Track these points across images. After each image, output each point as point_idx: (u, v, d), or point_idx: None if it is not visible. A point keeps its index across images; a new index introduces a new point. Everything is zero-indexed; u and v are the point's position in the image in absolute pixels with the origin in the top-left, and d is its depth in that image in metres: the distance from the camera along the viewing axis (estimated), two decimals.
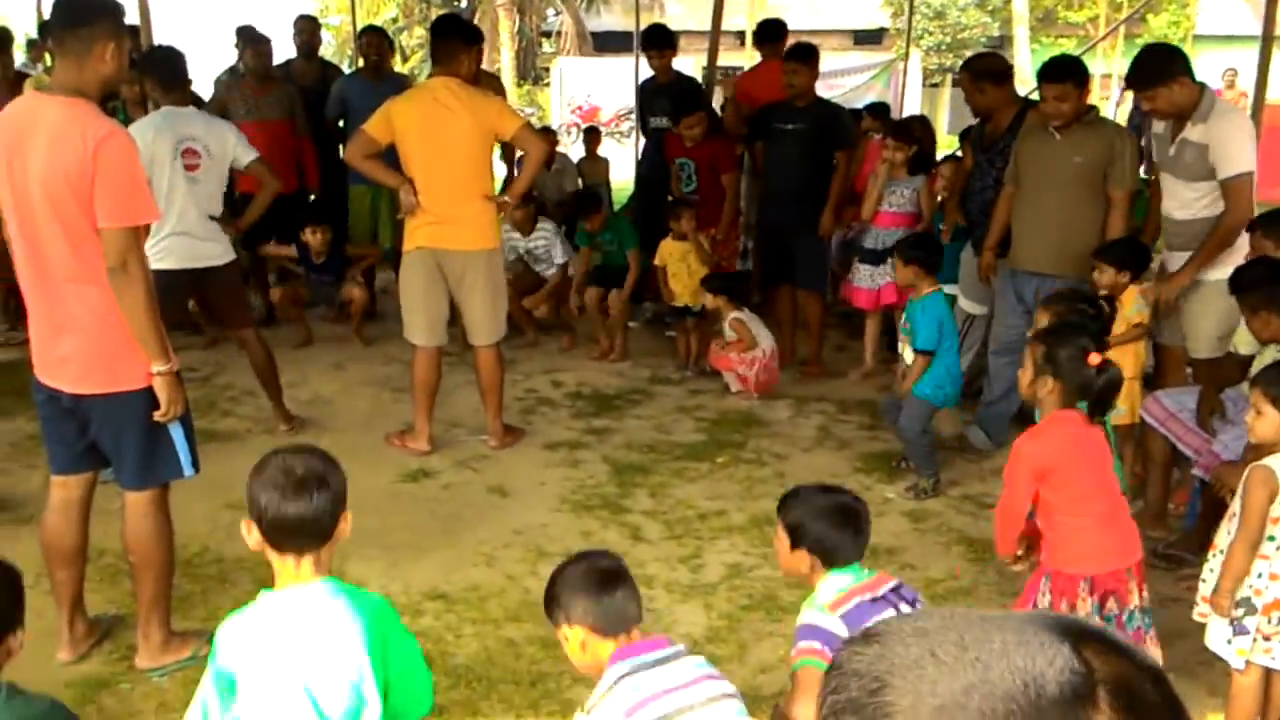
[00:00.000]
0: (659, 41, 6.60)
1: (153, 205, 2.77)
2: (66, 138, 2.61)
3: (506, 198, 4.83)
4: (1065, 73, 4.25)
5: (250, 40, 6.33)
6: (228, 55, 6.85)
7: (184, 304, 5.01)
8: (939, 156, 6.29)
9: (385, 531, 3.78)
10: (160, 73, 4.59)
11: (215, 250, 4.52)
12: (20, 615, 1.79)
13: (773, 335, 5.48)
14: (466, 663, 3.02)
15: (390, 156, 4.44)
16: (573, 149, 10.73)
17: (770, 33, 6.67)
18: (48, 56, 6.90)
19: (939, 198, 5.66)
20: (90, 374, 2.79)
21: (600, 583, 2.04)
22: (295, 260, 6.35)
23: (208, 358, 5.84)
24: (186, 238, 4.40)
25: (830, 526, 2.31)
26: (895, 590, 2.33)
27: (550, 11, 28.43)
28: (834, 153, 5.61)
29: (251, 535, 1.83)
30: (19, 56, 7.80)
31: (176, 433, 2.90)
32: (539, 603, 3.38)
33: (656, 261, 5.88)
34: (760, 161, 6.05)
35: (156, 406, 2.81)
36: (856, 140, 6.09)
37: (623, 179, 9.33)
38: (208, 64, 7.79)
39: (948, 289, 4.79)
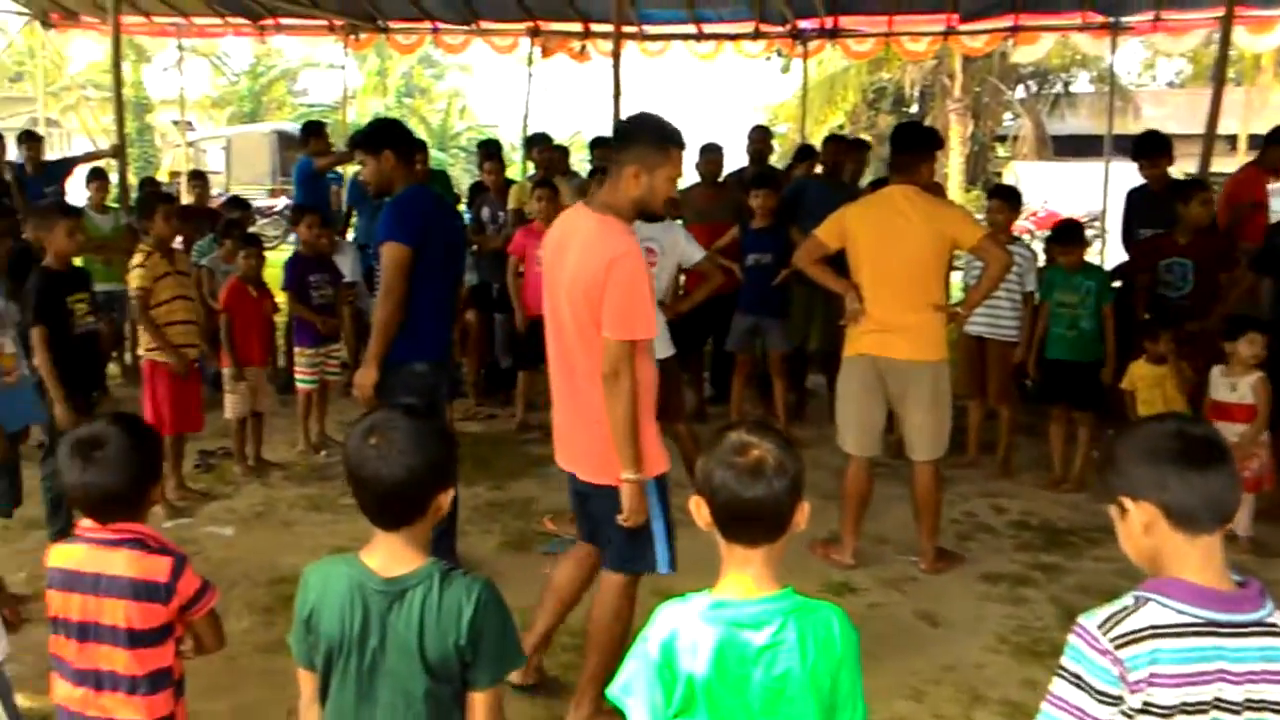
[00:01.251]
0: (1151, 149, 6.04)
1: (652, 323, 2.88)
2: (591, 250, 2.82)
3: (960, 309, 4.56)
4: None
5: (702, 150, 7.12)
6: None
7: None
8: None
9: None
10: None
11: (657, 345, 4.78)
12: (452, 479, 1.81)
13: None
14: None
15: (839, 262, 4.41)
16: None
17: None
18: (530, 164, 7.97)
19: None
20: (586, 463, 3.00)
21: (1193, 453, 1.51)
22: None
23: None
24: None
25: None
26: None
27: (1007, 116, 27.52)
28: None
29: (700, 514, 1.73)
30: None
31: (659, 529, 2.96)
32: None
33: (1124, 385, 5.23)
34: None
35: None
36: None
37: None
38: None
39: None
